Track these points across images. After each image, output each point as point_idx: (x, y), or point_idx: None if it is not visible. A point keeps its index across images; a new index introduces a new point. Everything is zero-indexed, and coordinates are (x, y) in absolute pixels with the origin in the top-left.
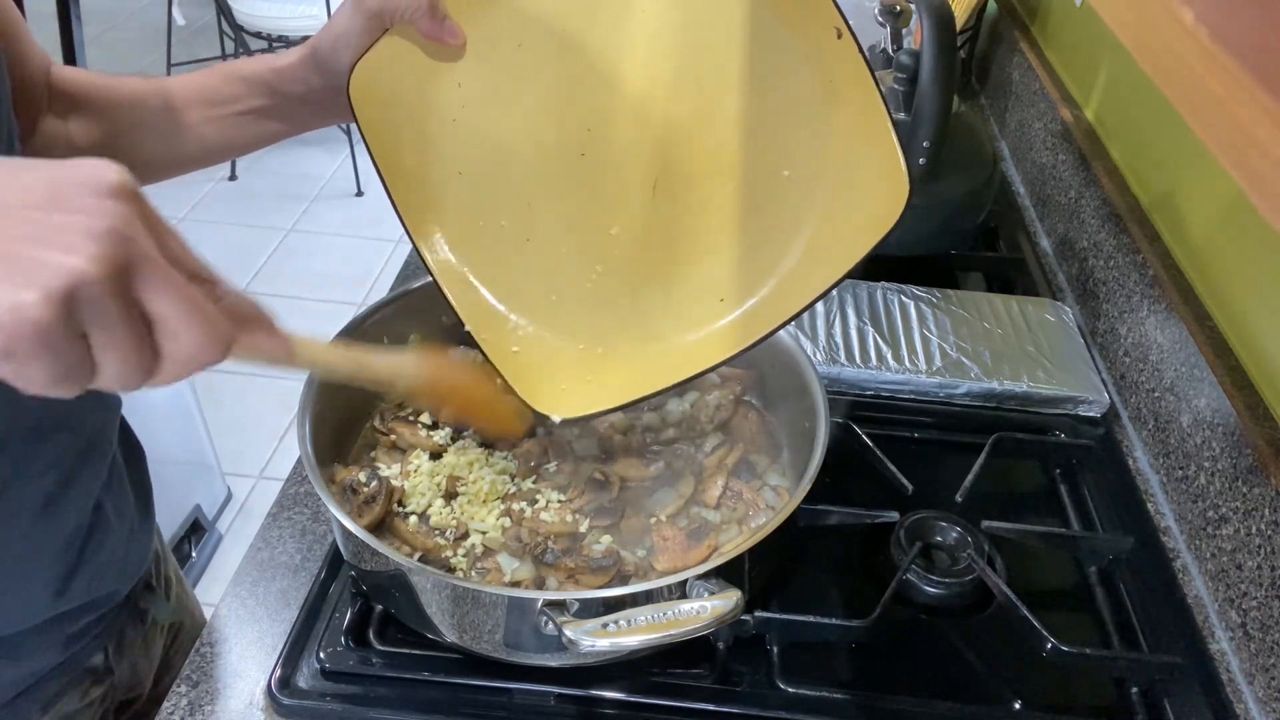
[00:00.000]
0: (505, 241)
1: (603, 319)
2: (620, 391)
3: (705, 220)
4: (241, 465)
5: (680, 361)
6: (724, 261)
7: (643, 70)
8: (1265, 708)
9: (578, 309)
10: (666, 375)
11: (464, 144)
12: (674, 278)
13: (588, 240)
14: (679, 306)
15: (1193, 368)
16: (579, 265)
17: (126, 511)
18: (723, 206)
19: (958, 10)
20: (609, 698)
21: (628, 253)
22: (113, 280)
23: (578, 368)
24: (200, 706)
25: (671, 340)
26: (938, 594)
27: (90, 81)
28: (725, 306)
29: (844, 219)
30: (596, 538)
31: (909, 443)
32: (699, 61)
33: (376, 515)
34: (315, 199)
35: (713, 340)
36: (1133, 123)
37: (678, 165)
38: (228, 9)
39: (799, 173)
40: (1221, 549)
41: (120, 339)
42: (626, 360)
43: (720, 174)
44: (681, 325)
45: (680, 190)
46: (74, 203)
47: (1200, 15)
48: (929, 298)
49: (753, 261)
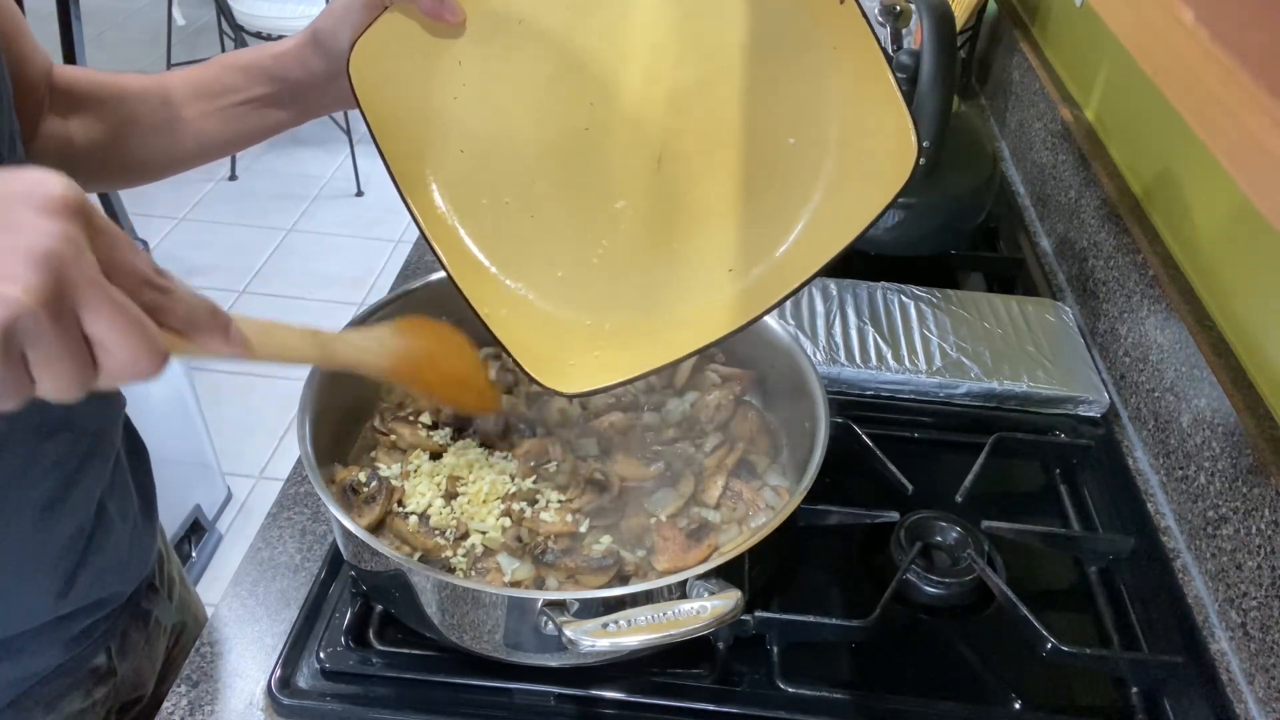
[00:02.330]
0: (510, 218)
1: (610, 294)
2: (630, 366)
3: (712, 191)
4: (241, 465)
5: (690, 334)
6: (731, 232)
7: (646, 43)
8: (1265, 708)
9: (585, 284)
10: (677, 348)
11: (466, 122)
12: (681, 250)
13: (593, 215)
14: (687, 279)
15: (1193, 368)
16: (585, 240)
17: (130, 512)
18: (729, 177)
19: (958, 10)
20: (609, 698)
21: (634, 227)
22: (50, 307)
23: (585, 343)
24: (200, 706)
25: (680, 313)
26: (938, 594)
27: (90, 79)
28: (734, 277)
29: (852, 182)
30: (596, 538)
31: (909, 443)
32: (702, 30)
33: (376, 515)
34: (315, 199)
35: (722, 310)
36: (1133, 123)
37: (682, 137)
38: (228, 9)
39: (804, 139)
40: (1221, 549)
41: (57, 359)
42: (636, 335)
43: (725, 144)
44: (690, 297)
45: (686, 162)
46: (14, 221)
47: (1200, 15)
48: (929, 298)
49: (761, 230)
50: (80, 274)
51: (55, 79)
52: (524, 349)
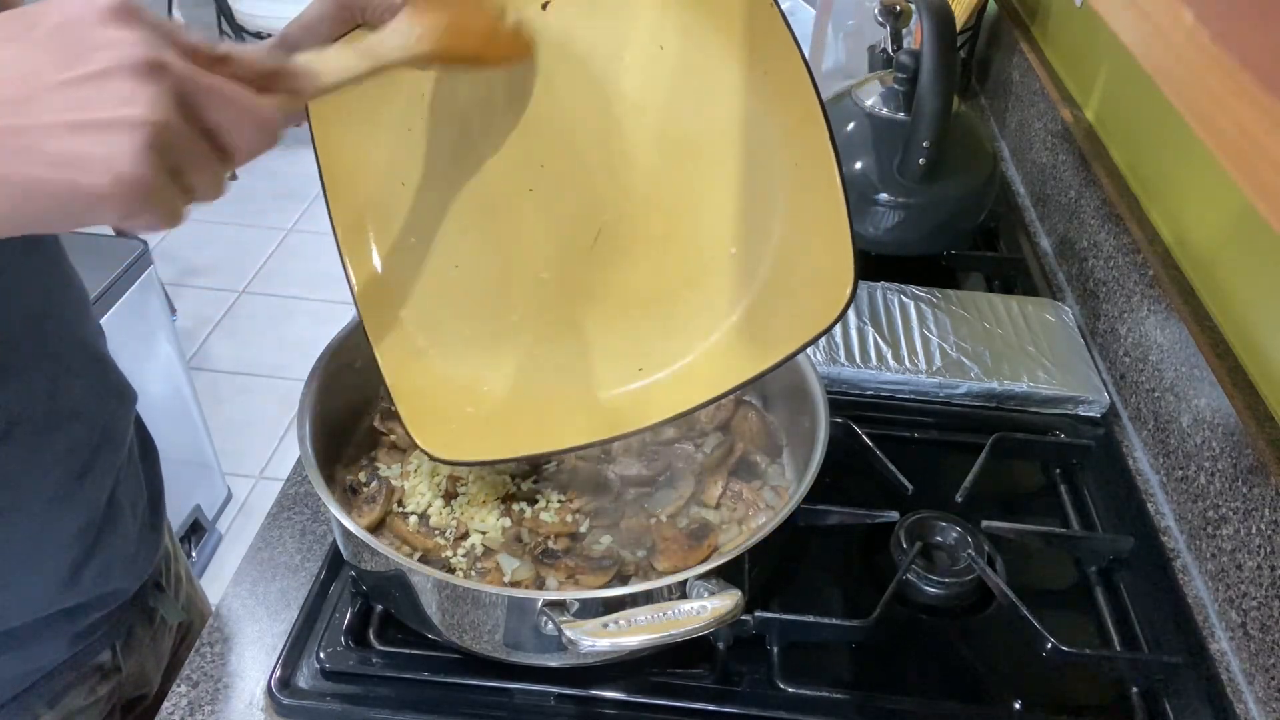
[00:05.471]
0: (433, 264)
1: (512, 364)
2: (507, 446)
3: (640, 282)
4: (241, 465)
5: (580, 425)
6: (650, 330)
7: (616, 120)
8: (1265, 708)
9: (489, 349)
10: (561, 437)
11: (414, 155)
12: (596, 336)
13: (515, 280)
14: (595, 366)
15: (1193, 368)
16: (500, 304)
17: (139, 507)
18: (661, 273)
19: (958, 10)
20: (609, 698)
21: (553, 301)
22: (176, 113)
23: (472, 409)
24: (200, 706)
25: (579, 399)
26: (938, 594)
27: None
28: (641, 375)
29: (779, 309)
30: (596, 538)
31: (909, 443)
32: (675, 122)
33: (376, 515)
34: (315, 199)
35: (616, 410)
36: (1133, 123)
37: (625, 221)
38: (228, 9)
39: (745, 253)
40: (1221, 549)
41: (203, 158)
42: (523, 412)
43: (667, 238)
44: (592, 385)
45: (622, 246)
46: (93, 50)
47: (1200, 15)
48: (929, 298)
49: (678, 335)
50: (179, 71)
51: None
52: (408, 396)
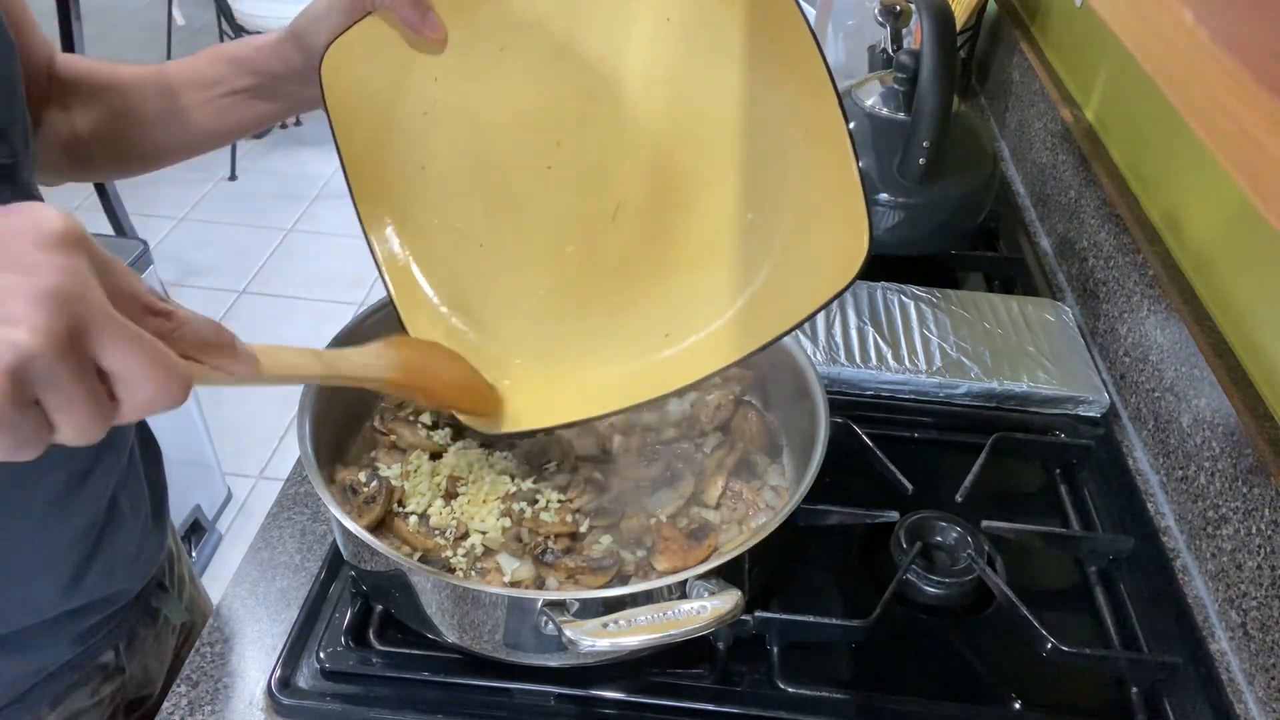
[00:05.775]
0: (458, 244)
1: (544, 338)
2: (544, 414)
3: (663, 253)
4: (241, 465)
5: (616, 392)
6: (676, 297)
7: (628, 95)
8: (1265, 708)
9: (519, 324)
10: (600, 403)
11: (431, 139)
12: (623, 305)
13: (541, 256)
14: (624, 335)
15: (1193, 368)
16: (528, 280)
17: (141, 509)
18: (683, 241)
19: (958, 10)
20: (609, 698)
21: (579, 274)
22: (61, 348)
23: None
24: (200, 706)
25: (610, 368)
26: (938, 594)
27: (90, 68)
28: (669, 342)
29: (799, 271)
30: (596, 538)
31: (909, 443)
32: (687, 93)
33: (376, 515)
34: (315, 199)
35: (650, 375)
36: (1133, 123)
37: (644, 194)
38: (228, 9)
39: (762, 218)
40: (1221, 549)
41: (75, 400)
42: (557, 381)
43: (685, 208)
44: (622, 356)
45: (643, 219)
46: (15, 259)
47: (1200, 15)
48: (929, 298)
49: (703, 301)
50: (90, 308)
51: (56, 69)
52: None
